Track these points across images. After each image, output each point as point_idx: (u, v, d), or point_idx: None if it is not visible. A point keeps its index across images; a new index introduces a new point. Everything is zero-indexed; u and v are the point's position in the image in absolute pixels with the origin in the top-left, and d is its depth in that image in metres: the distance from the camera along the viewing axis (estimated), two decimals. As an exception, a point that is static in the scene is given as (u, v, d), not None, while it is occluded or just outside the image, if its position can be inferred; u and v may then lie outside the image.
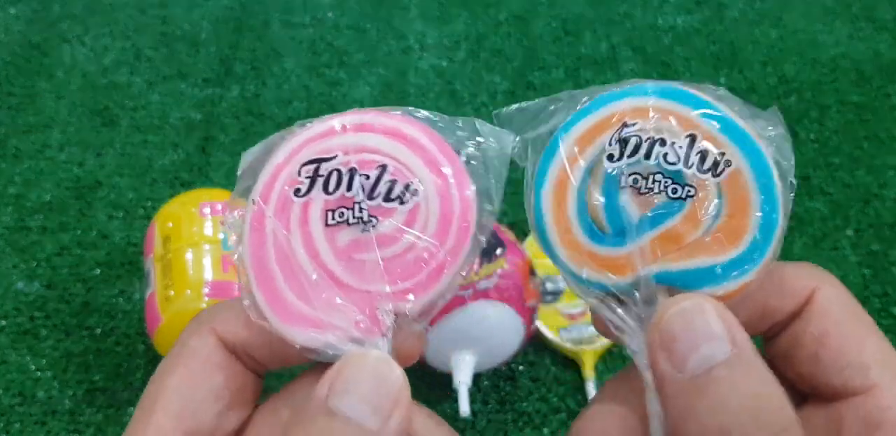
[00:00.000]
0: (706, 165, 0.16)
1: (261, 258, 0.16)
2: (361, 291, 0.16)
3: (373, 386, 0.14)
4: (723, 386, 0.13)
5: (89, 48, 0.52)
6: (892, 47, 0.54)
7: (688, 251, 0.16)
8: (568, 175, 0.16)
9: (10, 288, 0.40)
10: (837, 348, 0.15)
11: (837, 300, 0.16)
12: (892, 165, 0.47)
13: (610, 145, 0.16)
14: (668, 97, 0.16)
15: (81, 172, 0.45)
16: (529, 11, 0.56)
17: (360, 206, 0.16)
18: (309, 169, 0.16)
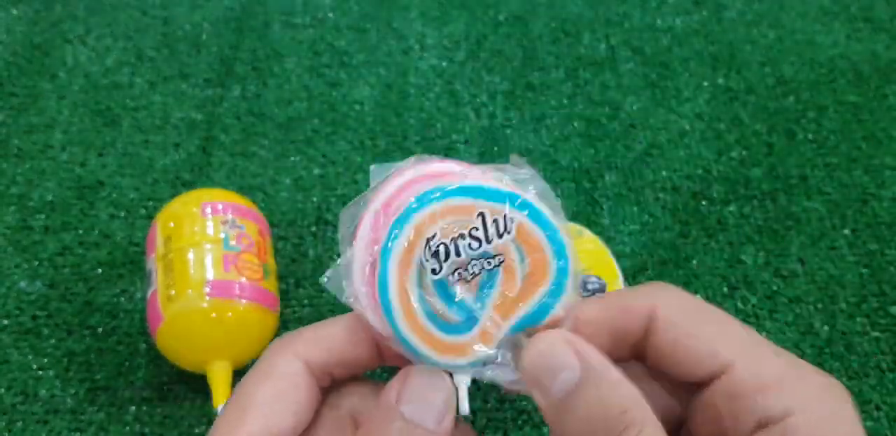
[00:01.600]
0: (499, 231, 0.20)
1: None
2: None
3: (430, 395, 0.19)
4: (578, 401, 0.17)
5: (91, 49, 0.52)
6: (889, 48, 0.54)
7: (520, 299, 0.20)
8: (407, 294, 0.20)
9: (13, 287, 0.40)
10: (690, 346, 0.18)
11: (677, 307, 0.19)
12: (890, 165, 0.47)
13: (427, 261, 0.20)
14: (443, 198, 0.20)
15: (83, 172, 0.45)
16: (529, 12, 0.56)
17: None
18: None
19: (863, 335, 0.40)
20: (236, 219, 0.36)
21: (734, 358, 0.18)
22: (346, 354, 0.20)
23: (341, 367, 0.20)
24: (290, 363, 0.19)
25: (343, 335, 0.20)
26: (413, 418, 0.18)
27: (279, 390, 0.19)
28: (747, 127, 0.49)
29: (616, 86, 0.51)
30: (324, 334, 0.20)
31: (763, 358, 0.18)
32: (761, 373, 0.17)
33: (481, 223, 0.20)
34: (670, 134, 0.49)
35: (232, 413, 0.19)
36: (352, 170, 0.46)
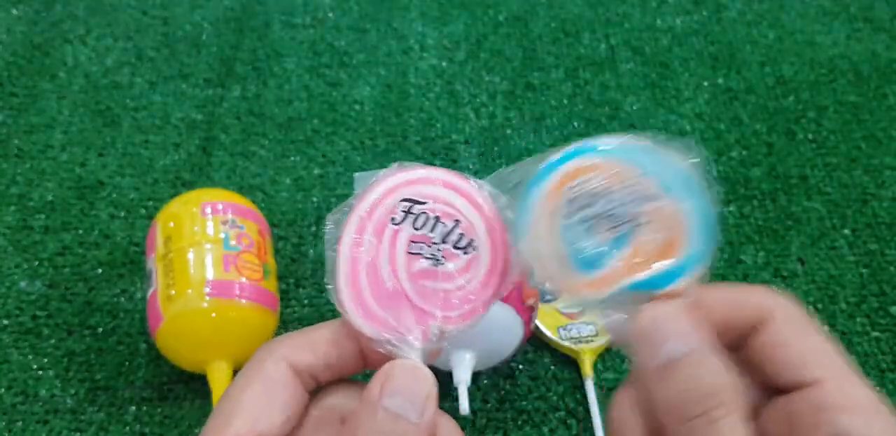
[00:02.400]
0: (653, 197, 0.21)
1: (355, 261, 0.21)
2: (419, 308, 0.21)
3: (412, 388, 0.20)
4: (678, 372, 0.18)
5: (91, 49, 0.52)
6: (889, 48, 0.54)
7: (647, 263, 0.21)
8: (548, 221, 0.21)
9: (13, 287, 0.40)
10: (790, 353, 0.19)
11: (789, 316, 0.20)
12: (890, 165, 0.47)
13: (567, 209, 0.21)
14: (606, 154, 0.21)
15: (83, 172, 0.45)
16: (528, 12, 0.56)
17: (437, 246, 0.21)
18: (406, 205, 0.21)
19: (863, 335, 0.40)
20: (236, 219, 0.36)
21: (826, 374, 0.19)
22: (332, 358, 0.21)
23: (327, 370, 0.21)
24: (276, 366, 0.20)
25: (329, 340, 0.21)
26: (396, 410, 0.19)
27: (266, 392, 0.20)
28: (747, 127, 0.49)
29: (616, 86, 0.51)
30: (310, 339, 0.21)
31: (853, 381, 0.19)
32: (850, 394, 0.18)
33: (641, 183, 0.21)
34: (670, 134, 0.49)
35: (220, 415, 0.20)
36: (352, 170, 0.46)
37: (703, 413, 0.18)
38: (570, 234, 0.21)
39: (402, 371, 0.20)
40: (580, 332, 0.38)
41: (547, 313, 0.38)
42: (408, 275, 0.21)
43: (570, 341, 0.37)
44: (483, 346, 0.32)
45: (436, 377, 0.20)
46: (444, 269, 0.22)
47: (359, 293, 0.21)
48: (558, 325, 0.38)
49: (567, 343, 0.37)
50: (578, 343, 0.37)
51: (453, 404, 0.37)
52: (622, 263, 0.21)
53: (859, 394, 0.18)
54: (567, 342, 0.37)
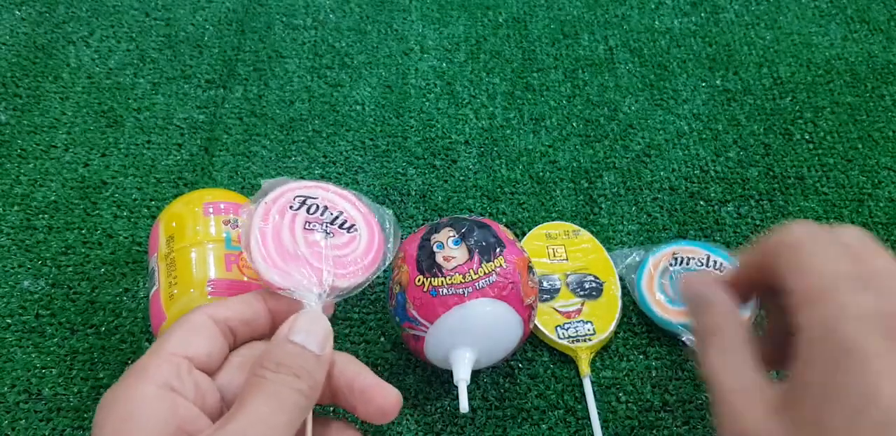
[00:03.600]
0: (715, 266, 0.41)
1: (263, 232, 0.28)
2: (316, 267, 0.28)
3: (314, 329, 0.25)
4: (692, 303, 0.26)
5: (94, 50, 0.52)
6: (885, 49, 0.54)
7: None
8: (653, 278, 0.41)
9: (16, 286, 0.41)
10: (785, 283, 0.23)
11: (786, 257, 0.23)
12: (886, 165, 0.48)
13: (671, 265, 0.41)
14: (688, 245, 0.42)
15: (86, 172, 0.46)
16: (528, 14, 0.56)
17: (327, 226, 0.29)
18: (300, 199, 0.29)
19: (859, 334, 0.40)
20: (238, 218, 0.36)
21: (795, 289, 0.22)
22: (245, 314, 0.27)
23: (242, 326, 0.27)
24: (199, 316, 0.26)
25: (242, 301, 0.27)
26: (302, 343, 0.25)
27: (193, 330, 0.26)
28: (744, 127, 0.50)
29: (614, 87, 0.52)
30: (227, 301, 0.27)
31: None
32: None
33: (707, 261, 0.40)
34: (668, 134, 0.49)
35: (154, 345, 0.25)
36: (352, 170, 0.46)
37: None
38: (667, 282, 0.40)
39: (306, 316, 0.26)
40: (577, 330, 0.38)
41: (545, 312, 0.39)
42: (305, 243, 0.28)
43: (567, 340, 0.38)
44: (482, 344, 0.33)
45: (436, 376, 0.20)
46: (334, 241, 0.29)
47: (268, 254, 0.27)
48: (556, 324, 0.38)
49: (564, 342, 0.38)
50: (576, 342, 0.38)
51: (453, 402, 0.37)
52: None
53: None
54: (564, 341, 0.38)
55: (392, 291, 0.34)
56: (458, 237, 0.33)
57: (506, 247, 0.33)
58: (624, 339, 0.40)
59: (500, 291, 0.32)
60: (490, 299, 0.32)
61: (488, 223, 0.35)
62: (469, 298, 0.31)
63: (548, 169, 0.47)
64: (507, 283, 0.32)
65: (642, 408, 0.37)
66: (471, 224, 0.34)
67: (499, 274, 0.32)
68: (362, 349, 0.39)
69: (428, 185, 0.46)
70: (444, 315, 0.31)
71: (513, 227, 0.44)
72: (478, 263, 0.32)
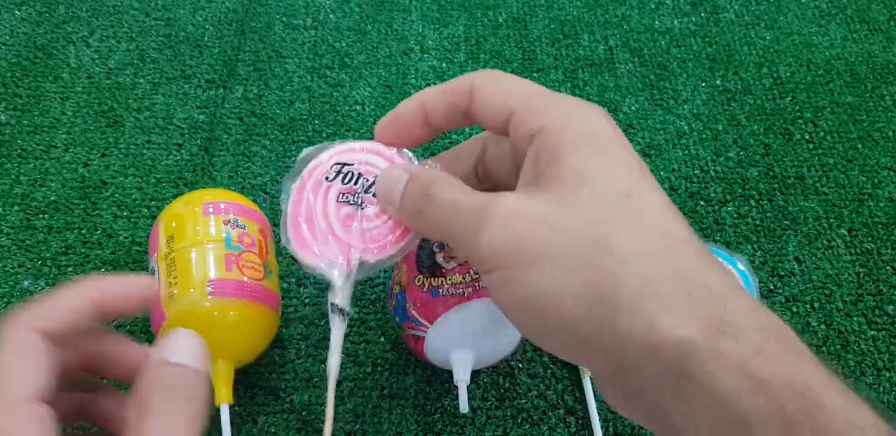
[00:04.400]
0: None
1: (296, 208, 0.28)
2: (344, 242, 0.28)
3: (191, 343, 0.24)
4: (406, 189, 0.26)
5: (94, 50, 0.52)
6: (885, 49, 0.54)
7: None
8: None
9: (17, 287, 0.41)
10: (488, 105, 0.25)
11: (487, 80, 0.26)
12: (886, 165, 0.48)
13: None
14: None
15: (87, 172, 0.46)
16: (528, 14, 0.56)
17: (360, 196, 0.28)
18: (337, 167, 0.28)
19: (859, 334, 0.40)
20: (238, 218, 0.36)
21: (515, 105, 0.24)
22: (80, 320, 0.23)
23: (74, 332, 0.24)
24: (27, 337, 0.22)
25: (75, 305, 0.23)
26: (180, 361, 0.23)
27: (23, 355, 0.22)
28: (744, 127, 0.50)
29: (614, 87, 0.52)
30: (55, 308, 0.23)
31: (534, 99, 0.24)
32: (531, 108, 0.24)
33: None
34: (668, 134, 0.49)
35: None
36: (353, 170, 0.46)
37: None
38: None
39: (180, 334, 0.24)
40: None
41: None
42: (337, 218, 0.28)
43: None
44: (482, 344, 0.33)
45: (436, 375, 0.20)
46: (365, 212, 0.28)
47: (299, 234, 0.28)
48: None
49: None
50: None
51: (453, 402, 0.37)
52: None
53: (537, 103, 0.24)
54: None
55: (392, 291, 0.34)
56: None
57: None
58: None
59: None
60: (490, 299, 0.32)
61: None
62: (469, 299, 0.31)
63: (548, 169, 0.47)
64: None
65: (642, 408, 0.37)
66: None
67: None
68: (362, 349, 0.39)
69: (428, 185, 0.46)
70: (444, 315, 0.31)
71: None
72: None
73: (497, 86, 0.25)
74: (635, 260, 0.20)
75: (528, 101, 0.24)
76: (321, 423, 0.36)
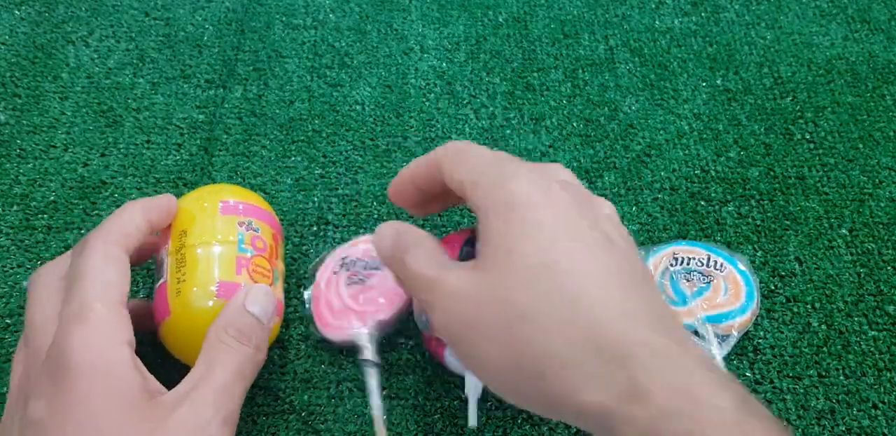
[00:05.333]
0: (716, 266, 0.40)
1: (317, 303, 0.38)
2: (361, 311, 0.37)
3: (268, 301, 0.31)
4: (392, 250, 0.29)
5: (93, 49, 0.52)
6: (886, 49, 0.54)
7: (716, 306, 0.39)
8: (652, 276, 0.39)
9: (15, 287, 0.40)
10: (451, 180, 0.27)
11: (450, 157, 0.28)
12: (887, 165, 0.48)
13: (671, 265, 0.41)
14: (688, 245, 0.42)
15: (86, 172, 0.46)
16: (528, 13, 0.56)
17: (362, 273, 0.38)
18: (340, 261, 0.39)
19: (860, 334, 0.40)
20: (253, 221, 0.36)
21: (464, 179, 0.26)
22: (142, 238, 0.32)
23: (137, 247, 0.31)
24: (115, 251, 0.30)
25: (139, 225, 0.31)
26: (258, 315, 0.29)
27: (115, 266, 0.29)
28: (745, 127, 0.50)
29: (615, 86, 0.51)
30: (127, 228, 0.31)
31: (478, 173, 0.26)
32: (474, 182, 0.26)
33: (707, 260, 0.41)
34: (669, 134, 0.49)
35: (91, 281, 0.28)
36: (352, 170, 0.46)
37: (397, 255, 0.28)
38: (668, 283, 0.40)
39: (260, 290, 0.30)
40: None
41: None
42: (350, 297, 0.37)
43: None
44: None
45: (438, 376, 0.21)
46: (369, 283, 0.37)
47: (324, 321, 0.37)
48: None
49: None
50: None
51: (454, 402, 0.37)
52: (700, 304, 0.39)
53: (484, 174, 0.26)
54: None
55: None
56: None
57: None
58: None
59: None
60: None
61: None
62: None
63: (548, 169, 0.47)
64: None
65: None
66: None
67: None
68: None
69: (428, 185, 0.46)
70: None
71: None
72: None
73: (453, 161, 0.27)
74: (557, 330, 0.22)
75: (473, 176, 0.26)
76: (321, 423, 0.36)
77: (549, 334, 0.22)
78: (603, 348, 0.21)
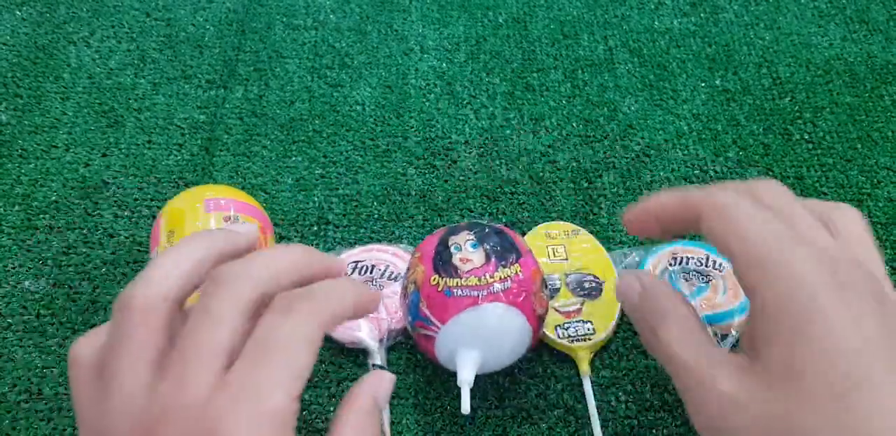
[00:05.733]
0: (715, 266, 0.41)
1: None
2: (375, 318, 0.38)
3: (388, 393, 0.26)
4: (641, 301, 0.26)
5: (95, 50, 0.52)
6: (885, 49, 0.54)
7: (715, 306, 0.39)
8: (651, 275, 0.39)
9: (18, 286, 0.41)
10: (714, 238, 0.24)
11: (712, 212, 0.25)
12: (885, 165, 0.48)
13: (670, 265, 0.41)
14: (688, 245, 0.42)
15: (87, 172, 0.46)
16: (528, 14, 0.56)
17: (377, 281, 0.39)
18: (352, 265, 0.40)
19: (858, 333, 0.40)
20: (239, 215, 0.37)
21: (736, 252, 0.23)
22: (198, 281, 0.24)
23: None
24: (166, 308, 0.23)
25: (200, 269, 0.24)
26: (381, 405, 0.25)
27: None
28: (744, 128, 0.50)
29: (614, 87, 0.52)
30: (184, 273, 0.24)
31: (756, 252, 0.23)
32: (750, 263, 0.23)
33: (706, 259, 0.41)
34: (668, 134, 0.49)
35: None
36: (352, 170, 0.47)
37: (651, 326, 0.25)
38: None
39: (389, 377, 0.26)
40: (577, 330, 0.38)
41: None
42: None
43: (567, 339, 0.38)
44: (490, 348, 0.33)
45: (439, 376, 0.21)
46: (386, 292, 0.38)
47: None
48: (556, 323, 0.38)
49: (564, 341, 0.38)
50: (575, 341, 0.38)
51: (453, 402, 0.37)
52: (700, 304, 0.39)
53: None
54: (564, 340, 0.38)
55: (406, 290, 0.34)
56: (475, 241, 0.33)
57: (522, 256, 0.33)
58: (623, 339, 0.40)
59: (514, 298, 0.32)
60: (503, 305, 0.31)
61: (506, 231, 0.35)
62: (483, 301, 0.31)
63: (548, 169, 0.47)
64: (521, 290, 0.32)
65: (642, 407, 0.37)
66: (489, 230, 0.34)
67: (514, 281, 0.32)
68: (362, 350, 0.39)
69: (428, 185, 0.46)
70: (456, 316, 0.31)
71: (513, 227, 0.44)
72: (494, 268, 0.32)
73: (721, 218, 0.23)
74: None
75: (748, 254, 0.22)
76: (322, 422, 0.36)
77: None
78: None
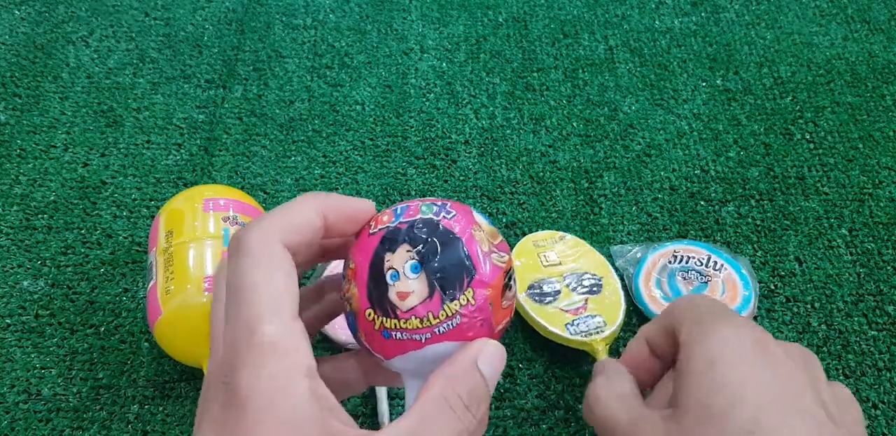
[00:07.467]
0: (715, 267, 0.41)
1: None
2: None
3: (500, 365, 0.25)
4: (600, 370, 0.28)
5: (94, 50, 0.52)
6: (886, 49, 0.54)
7: None
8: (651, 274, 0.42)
9: (16, 287, 0.40)
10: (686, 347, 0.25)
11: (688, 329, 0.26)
12: (886, 165, 0.48)
13: (670, 262, 0.42)
14: (690, 245, 0.43)
15: (86, 172, 0.46)
16: (528, 13, 0.56)
17: None
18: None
19: (860, 334, 0.40)
20: (238, 215, 0.36)
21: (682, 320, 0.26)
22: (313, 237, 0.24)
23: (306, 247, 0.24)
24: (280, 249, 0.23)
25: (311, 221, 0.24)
26: (488, 377, 0.24)
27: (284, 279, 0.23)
28: (745, 127, 0.50)
29: (615, 86, 0.51)
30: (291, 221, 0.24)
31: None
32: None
33: (707, 259, 0.42)
34: (668, 134, 0.49)
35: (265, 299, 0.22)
36: (352, 170, 0.46)
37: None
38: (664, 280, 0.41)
39: (496, 349, 0.25)
40: (588, 325, 0.38)
41: (551, 314, 0.39)
42: None
43: (580, 335, 0.38)
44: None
45: None
46: None
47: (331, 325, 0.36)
48: (565, 322, 0.38)
49: (578, 337, 0.38)
50: (589, 335, 0.38)
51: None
52: None
53: None
54: (578, 336, 0.38)
55: (343, 303, 0.28)
56: (416, 261, 0.26)
57: (476, 272, 0.26)
58: (624, 338, 0.40)
59: (464, 333, 0.26)
60: (451, 343, 0.26)
61: (459, 232, 0.27)
62: (427, 344, 0.26)
63: (548, 169, 0.47)
64: (474, 320, 0.26)
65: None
66: (434, 238, 0.27)
67: (464, 315, 0.26)
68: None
69: (428, 185, 0.46)
70: (397, 357, 0.26)
71: (513, 227, 0.44)
72: (438, 304, 0.26)
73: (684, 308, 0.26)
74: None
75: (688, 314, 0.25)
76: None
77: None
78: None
